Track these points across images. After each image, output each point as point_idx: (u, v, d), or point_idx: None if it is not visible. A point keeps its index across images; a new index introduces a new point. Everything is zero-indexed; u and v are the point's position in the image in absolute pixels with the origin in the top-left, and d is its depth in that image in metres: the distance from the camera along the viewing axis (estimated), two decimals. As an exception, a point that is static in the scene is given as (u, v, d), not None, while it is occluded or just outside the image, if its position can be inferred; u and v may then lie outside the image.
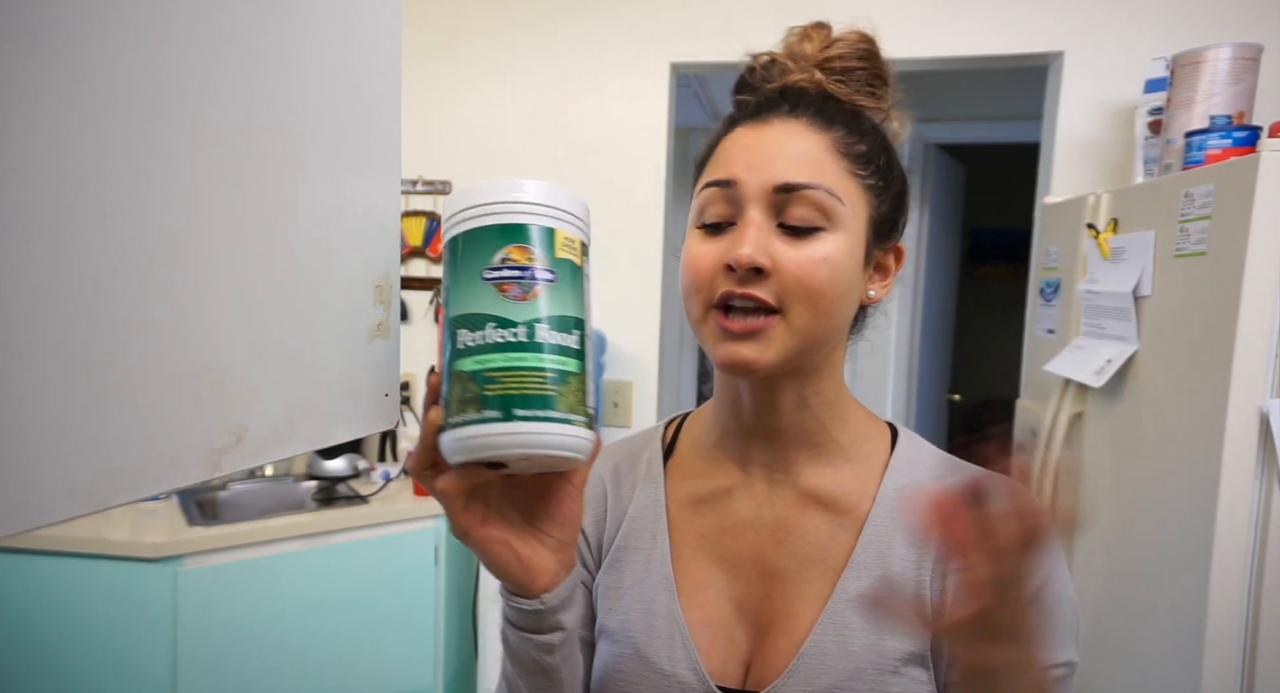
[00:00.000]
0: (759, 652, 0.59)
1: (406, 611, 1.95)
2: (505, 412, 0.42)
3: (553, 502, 0.51)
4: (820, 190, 0.55)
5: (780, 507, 0.62)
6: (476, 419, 0.42)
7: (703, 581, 0.62)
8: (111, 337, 0.33)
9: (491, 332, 0.43)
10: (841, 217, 0.56)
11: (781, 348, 0.56)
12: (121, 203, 0.33)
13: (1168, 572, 1.22)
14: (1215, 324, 1.11)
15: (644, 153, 2.19)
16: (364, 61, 0.49)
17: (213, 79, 0.37)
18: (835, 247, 0.56)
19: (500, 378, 0.42)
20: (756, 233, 0.55)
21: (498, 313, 0.43)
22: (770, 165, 0.56)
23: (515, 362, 0.42)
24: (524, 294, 0.43)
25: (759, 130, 0.59)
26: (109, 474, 0.33)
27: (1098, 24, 1.89)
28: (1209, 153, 1.28)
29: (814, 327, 0.56)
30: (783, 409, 0.61)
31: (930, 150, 3.12)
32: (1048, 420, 1.56)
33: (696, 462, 0.67)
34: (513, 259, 0.44)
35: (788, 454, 0.63)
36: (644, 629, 0.61)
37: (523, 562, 0.50)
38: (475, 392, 0.42)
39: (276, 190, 0.43)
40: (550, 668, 0.54)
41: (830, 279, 0.55)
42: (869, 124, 0.61)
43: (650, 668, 0.60)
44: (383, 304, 0.53)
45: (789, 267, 0.54)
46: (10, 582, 1.63)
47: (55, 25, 0.30)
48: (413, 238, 2.30)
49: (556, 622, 0.52)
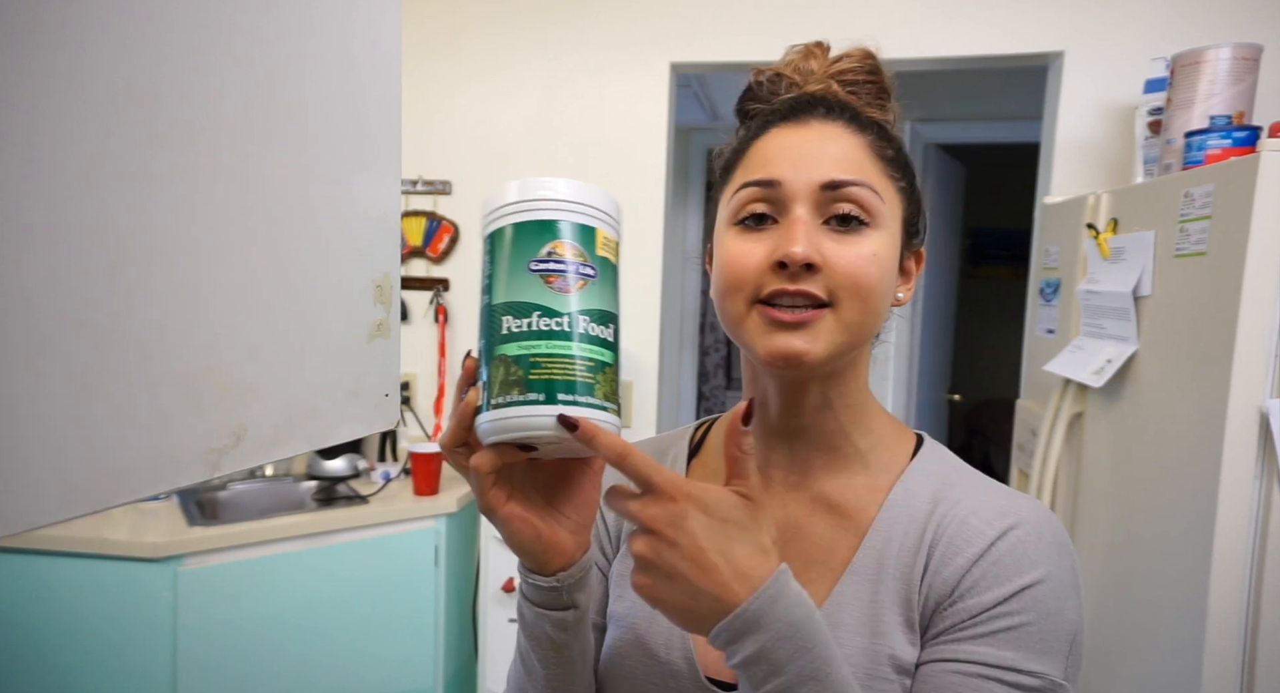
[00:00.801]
0: None
1: (406, 611, 1.95)
2: (549, 395, 0.44)
3: (573, 486, 0.53)
4: (865, 187, 0.56)
5: (791, 509, 0.63)
6: (520, 401, 0.44)
7: None
8: (112, 337, 0.33)
9: (537, 319, 0.45)
10: (883, 215, 0.57)
11: (831, 341, 0.56)
12: (122, 203, 0.33)
13: (1168, 572, 1.22)
14: (1215, 324, 1.11)
15: (644, 153, 2.19)
16: (364, 61, 0.49)
17: (213, 79, 0.37)
18: (881, 244, 0.57)
19: (544, 363, 0.45)
20: (805, 229, 0.55)
21: (544, 303, 0.45)
22: (815, 163, 0.57)
23: (559, 349, 0.45)
24: (568, 287, 0.46)
25: (798, 130, 0.59)
26: (109, 474, 0.33)
27: (1098, 24, 1.89)
28: (1209, 153, 1.28)
29: (862, 322, 0.56)
30: (806, 409, 0.61)
31: (930, 150, 3.12)
32: (1048, 420, 1.56)
33: (717, 460, 0.68)
34: (558, 253, 0.46)
35: (807, 457, 0.63)
36: (646, 617, 0.63)
37: (542, 540, 0.52)
38: (520, 375, 0.45)
39: (276, 191, 0.43)
40: (562, 644, 0.56)
41: (879, 276, 0.56)
42: (893, 133, 0.63)
43: (646, 654, 0.62)
44: (383, 304, 0.53)
45: (840, 263, 0.55)
46: (10, 582, 1.63)
47: (55, 26, 0.30)
48: (413, 238, 2.30)
49: (571, 600, 0.54)
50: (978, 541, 0.55)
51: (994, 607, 0.53)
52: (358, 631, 1.87)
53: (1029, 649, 0.52)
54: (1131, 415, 1.36)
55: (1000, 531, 0.55)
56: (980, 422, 4.41)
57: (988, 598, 0.53)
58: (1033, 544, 0.54)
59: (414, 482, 2.03)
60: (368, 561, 1.88)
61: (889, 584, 0.58)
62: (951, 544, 0.56)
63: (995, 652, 0.52)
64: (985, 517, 0.56)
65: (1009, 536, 0.55)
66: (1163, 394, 1.26)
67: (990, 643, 0.52)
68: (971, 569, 0.54)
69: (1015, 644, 0.52)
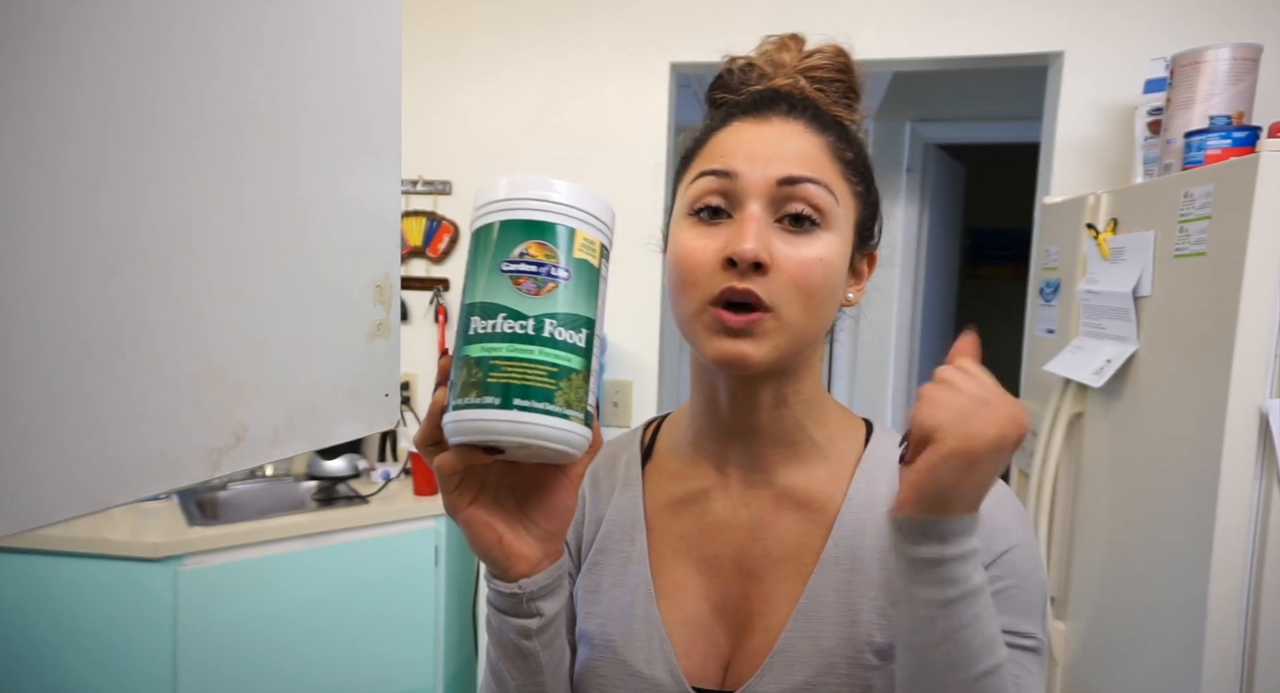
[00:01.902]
0: (737, 652, 0.60)
1: (406, 611, 1.95)
2: (504, 399, 0.43)
3: (546, 492, 0.52)
4: (821, 186, 0.56)
5: (756, 507, 0.63)
6: (477, 404, 0.44)
7: (681, 582, 0.62)
8: (112, 337, 0.33)
9: (502, 322, 0.44)
10: (836, 217, 0.57)
11: (775, 345, 0.56)
12: (121, 203, 0.33)
13: (1168, 572, 1.22)
14: (1215, 324, 1.11)
15: (644, 153, 2.19)
16: (364, 61, 0.50)
17: (212, 79, 0.37)
18: (830, 247, 0.56)
19: (504, 367, 0.44)
20: (757, 227, 0.55)
21: (510, 304, 0.44)
22: (773, 159, 0.57)
23: (520, 353, 0.44)
24: (537, 289, 0.45)
25: (759, 126, 0.59)
26: (109, 474, 0.33)
27: (1098, 24, 1.89)
28: (1209, 153, 1.28)
29: (805, 326, 0.56)
30: (761, 408, 0.61)
31: (930, 150, 3.12)
32: (1048, 420, 1.56)
33: (674, 464, 0.67)
34: (530, 254, 0.45)
35: (764, 453, 0.63)
36: (622, 632, 0.61)
37: (503, 546, 0.50)
38: (479, 377, 0.44)
39: (276, 190, 0.43)
40: (528, 653, 0.54)
41: (824, 280, 0.56)
42: (854, 136, 0.63)
43: (627, 670, 0.60)
44: (383, 304, 0.53)
45: (787, 265, 0.55)
46: (10, 582, 1.63)
47: (54, 26, 0.30)
48: (413, 238, 2.30)
49: (534, 608, 0.52)
50: None
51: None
52: (358, 631, 1.87)
53: (1017, 612, 0.55)
54: (1131, 415, 1.36)
55: None
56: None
57: None
58: (999, 513, 0.57)
59: (414, 482, 2.03)
60: (368, 561, 1.88)
61: (866, 572, 0.58)
62: None
63: None
64: None
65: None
66: (1163, 394, 1.26)
67: None
68: None
69: (1005, 609, 0.55)
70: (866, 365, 3.18)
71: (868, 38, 1.98)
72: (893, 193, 3.04)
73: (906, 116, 3.03)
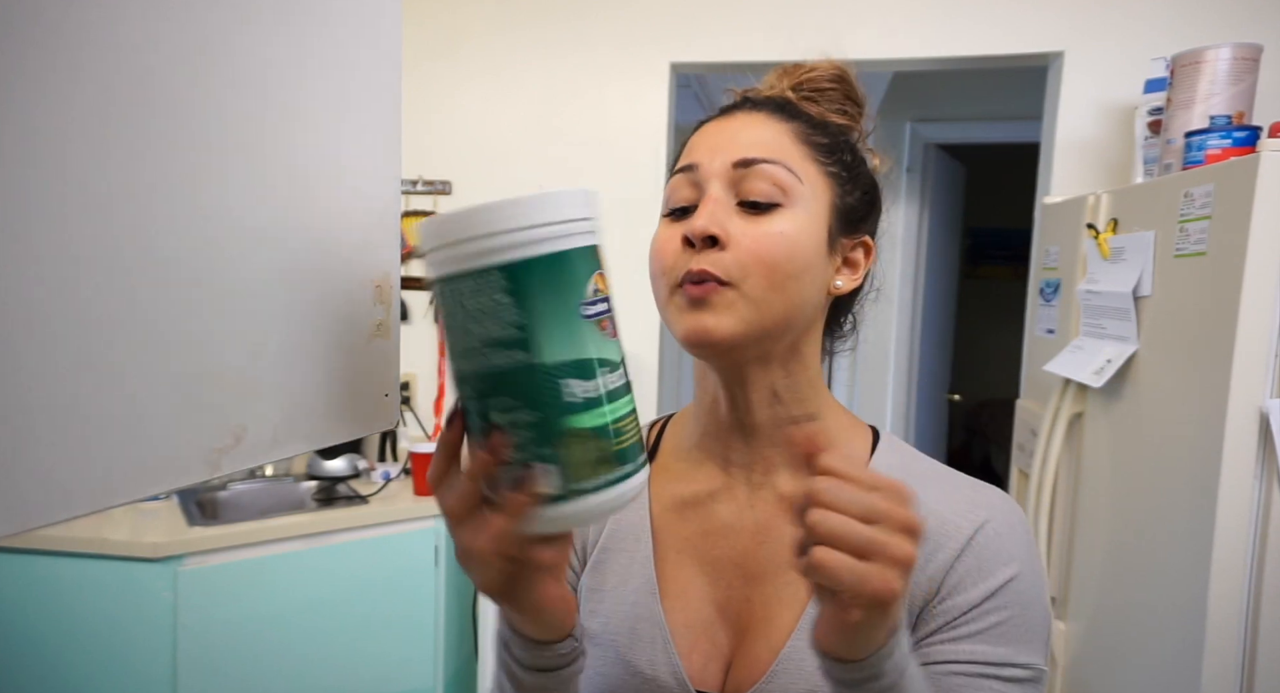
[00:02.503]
0: (739, 655, 0.60)
1: (406, 611, 1.95)
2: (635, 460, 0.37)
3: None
4: (778, 165, 0.56)
5: (760, 509, 0.62)
6: (618, 478, 0.37)
7: (685, 584, 0.62)
8: (111, 337, 0.33)
9: (604, 377, 0.37)
10: (800, 195, 0.57)
11: (739, 317, 0.55)
12: (121, 203, 0.33)
13: (1168, 572, 1.22)
14: (1215, 324, 1.11)
15: (644, 153, 2.19)
16: (364, 61, 0.50)
17: (211, 79, 0.37)
18: (793, 223, 0.56)
19: (625, 428, 0.38)
20: (714, 207, 0.56)
21: (606, 355, 0.37)
22: (730, 145, 0.58)
23: (629, 407, 0.38)
24: (615, 330, 0.38)
25: (722, 121, 0.61)
26: (109, 474, 0.33)
27: (1098, 24, 1.89)
28: (1209, 153, 1.28)
29: (770, 299, 0.55)
30: (755, 404, 0.61)
31: (930, 150, 3.12)
32: (1048, 420, 1.56)
33: (679, 464, 0.67)
34: (600, 290, 0.37)
35: (765, 454, 0.62)
36: (626, 632, 0.61)
37: (564, 601, 0.48)
38: (609, 449, 0.37)
39: (276, 190, 0.43)
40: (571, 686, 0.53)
41: (786, 253, 0.55)
42: (834, 127, 0.63)
43: (631, 672, 0.60)
44: (383, 304, 0.53)
45: (745, 240, 0.55)
46: (10, 582, 1.63)
47: (54, 26, 0.30)
48: (413, 238, 2.30)
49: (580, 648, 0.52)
50: (956, 536, 0.56)
51: (982, 603, 0.54)
52: (358, 631, 1.87)
53: (1018, 642, 0.54)
54: (1131, 415, 1.36)
55: (975, 525, 0.56)
56: (980, 422, 4.41)
57: (974, 595, 0.54)
58: (1007, 537, 0.56)
59: (414, 482, 2.03)
60: (368, 561, 1.88)
61: None
62: (932, 541, 0.56)
63: (990, 649, 0.53)
64: (959, 510, 0.57)
65: (985, 529, 0.56)
66: (1163, 394, 1.26)
67: (983, 640, 0.54)
68: (955, 566, 0.55)
69: (1005, 639, 0.54)
70: (866, 365, 3.18)
71: (867, 38, 1.98)
72: (893, 193, 3.03)
73: (906, 116, 3.03)
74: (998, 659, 0.53)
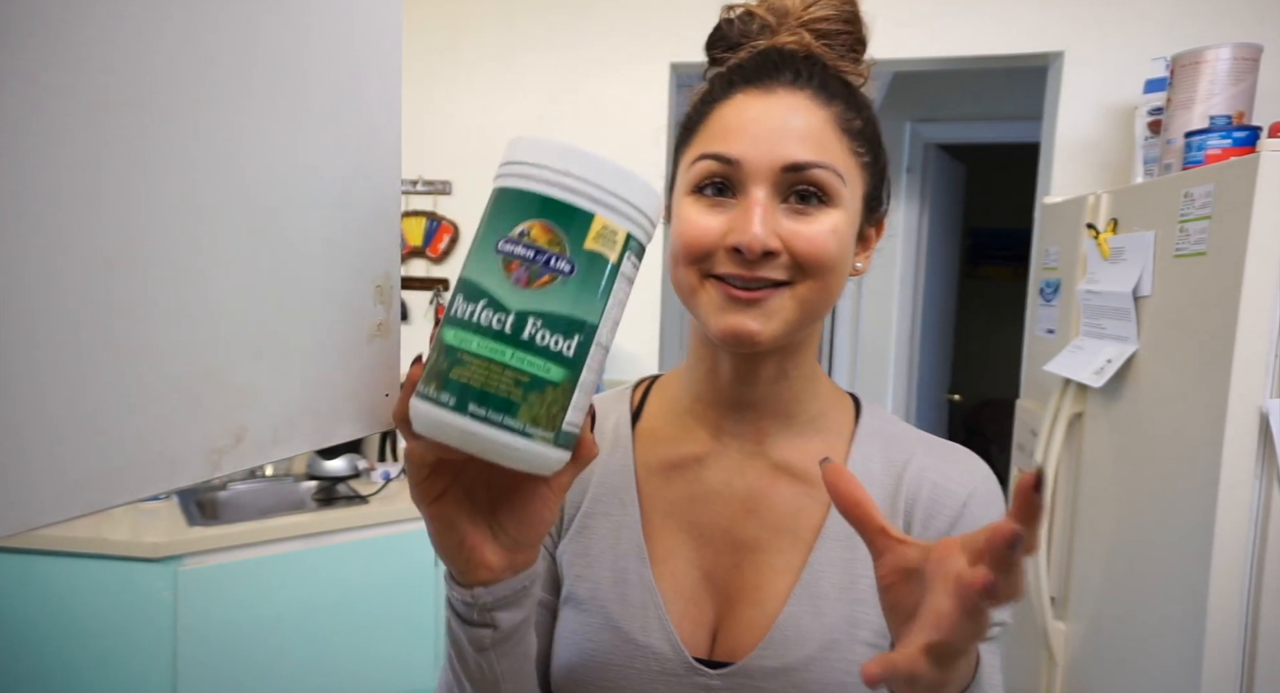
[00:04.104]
0: (726, 622, 0.59)
1: (406, 611, 1.95)
2: (460, 402, 0.38)
3: (523, 498, 0.47)
4: (828, 171, 0.55)
5: (751, 477, 0.62)
6: (433, 399, 0.39)
7: (672, 549, 0.62)
8: (111, 336, 0.33)
9: (481, 310, 0.38)
10: (843, 196, 0.56)
11: (785, 320, 0.55)
12: (120, 202, 0.33)
13: (1168, 572, 1.22)
14: (1215, 324, 1.11)
15: (644, 152, 2.19)
16: (364, 61, 0.49)
17: (210, 78, 0.37)
18: (840, 220, 0.55)
19: (469, 363, 0.38)
20: (764, 212, 0.54)
21: (493, 291, 0.38)
22: (778, 141, 0.55)
23: (489, 352, 0.38)
24: (528, 280, 0.38)
25: (763, 100, 0.57)
26: (109, 474, 0.33)
27: (1098, 24, 1.89)
28: (1209, 153, 1.28)
29: (818, 299, 0.56)
30: (762, 381, 0.61)
31: (930, 150, 3.12)
32: (1048, 420, 1.56)
33: (667, 427, 0.66)
34: (531, 237, 0.38)
35: (761, 425, 0.62)
36: (616, 599, 0.60)
37: (465, 549, 0.46)
38: (443, 368, 0.39)
39: (276, 190, 0.42)
40: (484, 665, 0.51)
41: (839, 252, 0.55)
42: (862, 98, 0.61)
43: (623, 639, 0.59)
44: (383, 304, 0.53)
45: (798, 243, 0.54)
46: (10, 582, 1.63)
47: (51, 23, 0.30)
48: (413, 238, 2.30)
49: (489, 619, 0.49)
50: (950, 503, 0.59)
51: None
52: (358, 631, 1.87)
53: None
54: (1131, 415, 1.36)
55: (967, 492, 0.59)
56: (980, 422, 4.41)
57: None
58: (992, 505, 0.60)
59: (414, 482, 2.03)
60: (368, 561, 1.88)
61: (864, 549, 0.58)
62: (928, 510, 0.59)
63: None
64: (951, 477, 0.60)
65: (974, 498, 0.59)
66: (1163, 394, 1.26)
67: None
68: (950, 533, 0.58)
69: None
70: (867, 365, 3.18)
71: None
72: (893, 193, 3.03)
73: (906, 116, 3.03)
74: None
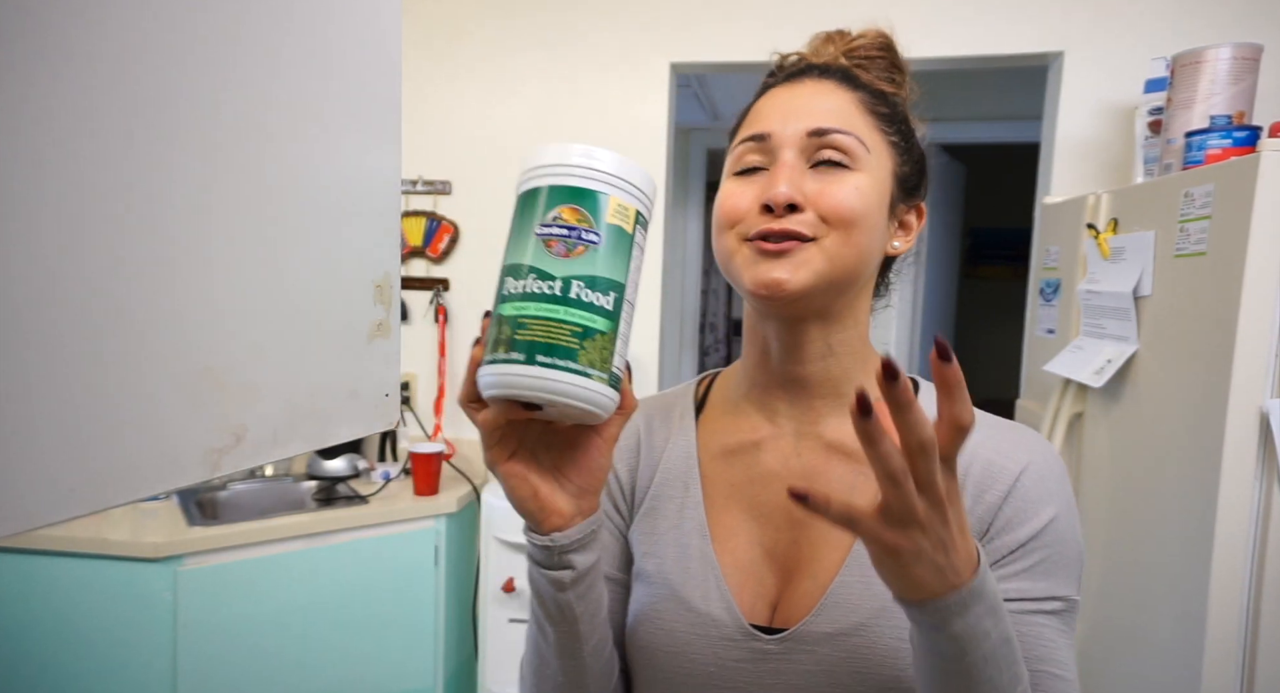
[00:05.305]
0: (785, 594, 0.62)
1: (406, 611, 1.95)
2: (529, 356, 0.46)
3: (581, 451, 0.54)
4: (850, 136, 0.60)
5: (806, 457, 0.65)
6: (504, 360, 0.46)
7: (734, 527, 0.65)
8: (112, 336, 0.33)
9: (531, 282, 0.46)
10: (867, 162, 0.60)
11: (813, 270, 0.58)
12: (121, 202, 0.33)
13: (1168, 572, 1.22)
14: (1215, 324, 1.11)
15: (644, 153, 2.19)
16: (364, 60, 0.50)
17: (210, 79, 0.37)
18: (862, 182, 0.59)
19: (530, 325, 0.46)
20: (790, 172, 0.59)
21: (540, 266, 0.47)
22: (803, 114, 0.61)
23: (546, 312, 0.46)
24: (567, 251, 0.47)
25: (791, 88, 0.64)
26: (109, 474, 0.33)
27: (1098, 24, 1.89)
28: (1209, 153, 1.28)
29: (844, 254, 0.59)
30: (809, 357, 0.64)
31: (930, 150, 3.11)
32: (1048, 420, 1.56)
33: (726, 416, 0.70)
34: (563, 218, 0.47)
35: (813, 405, 0.65)
36: (679, 571, 0.64)
37: (539, 499, 0.53)
38: (508, 335, 0.46)
39: (276, 190, 0.43)
40: (564, 605, 0.57)
41: (862, 207, 0.59)
42: (892, 98, 0.66)
43: (685, 607, 0.63)
44: (383, 304, 0.53)
45: (822, 199, 0.58)
46: (10, 582, 1.63)
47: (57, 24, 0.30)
48: (413, 238, 2.30)
49: (566, 561, 0.55)
50: (1003, 478, 0.59)
51: (1027, 543, 0.57)
52: (358, 631, 1.87)
53: (1056, 577, 0.58)
54: (1131, 415, 1.36)
55: (1020, 467, 0.59)
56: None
57: (1021, 534, 0.58)
58: (1049, 480, 0.60)
59: (414, 482, 2.03)
60: (368, 561, 1.88)
61: None
62: (979, 484, 0.60)
63: (1032, 585, 0.57)
64: (1004, 452, 0.60)
65: (1028, 472, 0.59)
66: (1163, 394, 1.26)
67: (1027, 577, 0.57)
68: (1003, 507, 0.58)
69: (1046, 575, 0.57)
70: (866, 365, 3.18)
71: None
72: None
73: (906, 116, 3.03)
74: (1040, 594, 0.57)
